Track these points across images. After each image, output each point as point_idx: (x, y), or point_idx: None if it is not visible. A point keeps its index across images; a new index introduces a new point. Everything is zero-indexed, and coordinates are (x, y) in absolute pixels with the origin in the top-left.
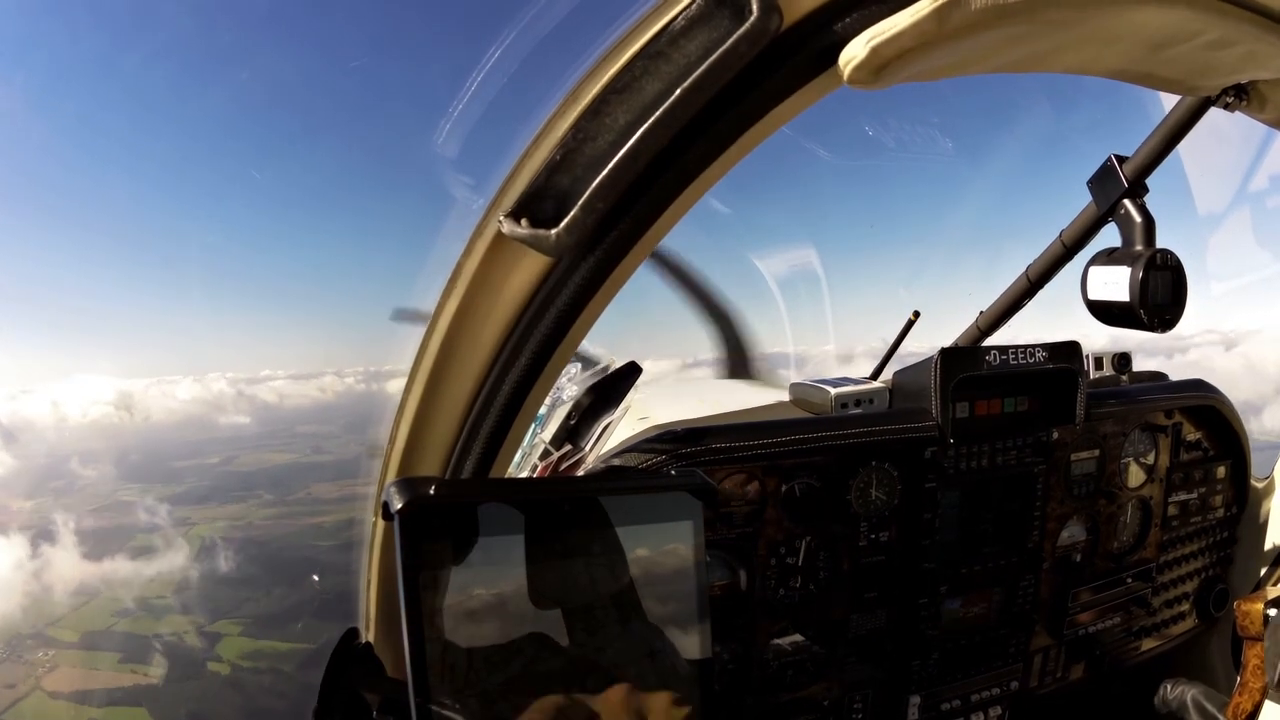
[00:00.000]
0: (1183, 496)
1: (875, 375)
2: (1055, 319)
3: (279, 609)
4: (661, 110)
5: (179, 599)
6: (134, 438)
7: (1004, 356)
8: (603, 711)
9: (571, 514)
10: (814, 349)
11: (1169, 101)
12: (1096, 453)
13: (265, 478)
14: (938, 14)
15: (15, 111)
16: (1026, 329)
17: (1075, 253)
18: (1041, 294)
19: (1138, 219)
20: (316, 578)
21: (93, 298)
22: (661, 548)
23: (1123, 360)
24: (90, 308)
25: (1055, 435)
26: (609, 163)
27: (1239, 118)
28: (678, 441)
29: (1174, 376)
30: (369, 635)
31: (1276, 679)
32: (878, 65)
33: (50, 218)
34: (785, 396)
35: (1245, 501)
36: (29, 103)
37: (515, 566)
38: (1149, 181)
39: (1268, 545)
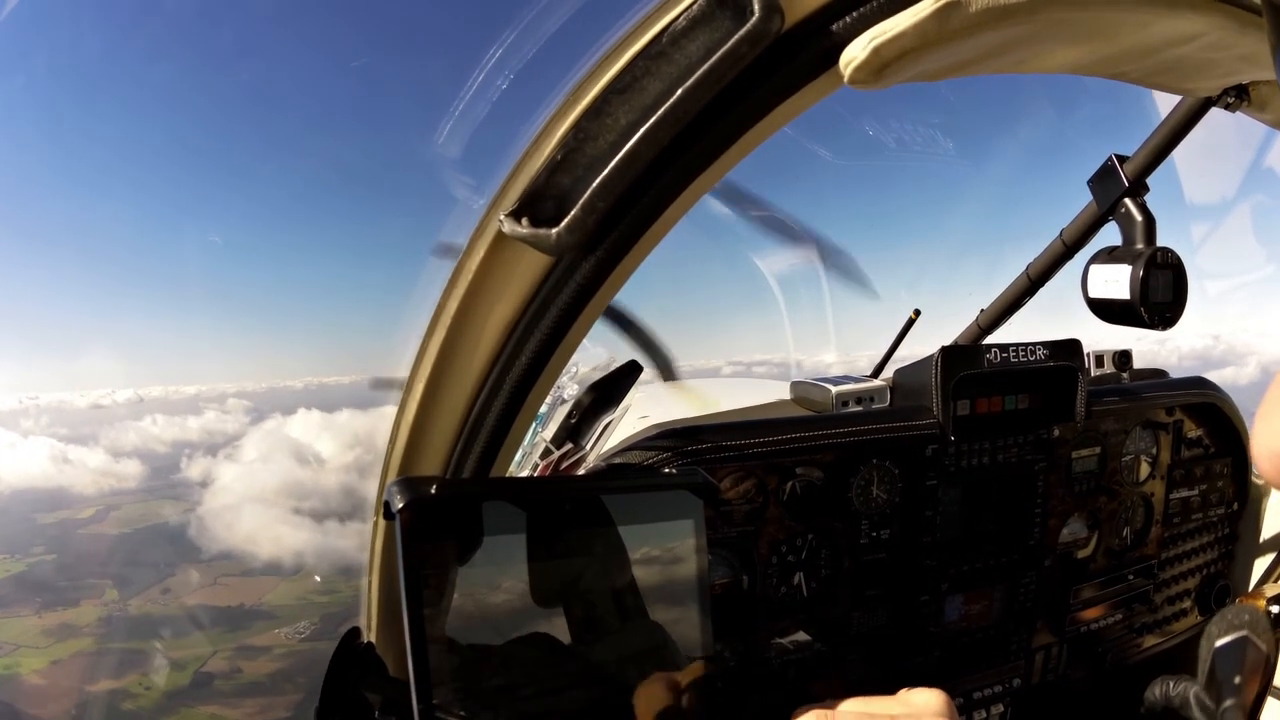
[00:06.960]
0: (1184, 493)
1: (876, 373)
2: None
3: None
4: (663, 110)
5: None
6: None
7: (1005, 354)
8: None
9: (573, 513)
10: (814, 350)
11: (1168, 101)
12: (1097, 450)
13: (127, 550)
14: (939, 15)
15: None
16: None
17: (1076, 251)
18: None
19: (1138, 217)
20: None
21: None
22: (663, 546)
23: (1123, 358)
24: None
25: (1056, 432)
26: (610, 162)
27: (1240, 118)
28: (678, 440)
29: None
30: (370, 635)
31: None
32: (879, 66)
33: None
34: (786, 394)
35: (1246, 498)
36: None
37: (517, 565)
38: (1148, 181)
39: (1268, 542)
